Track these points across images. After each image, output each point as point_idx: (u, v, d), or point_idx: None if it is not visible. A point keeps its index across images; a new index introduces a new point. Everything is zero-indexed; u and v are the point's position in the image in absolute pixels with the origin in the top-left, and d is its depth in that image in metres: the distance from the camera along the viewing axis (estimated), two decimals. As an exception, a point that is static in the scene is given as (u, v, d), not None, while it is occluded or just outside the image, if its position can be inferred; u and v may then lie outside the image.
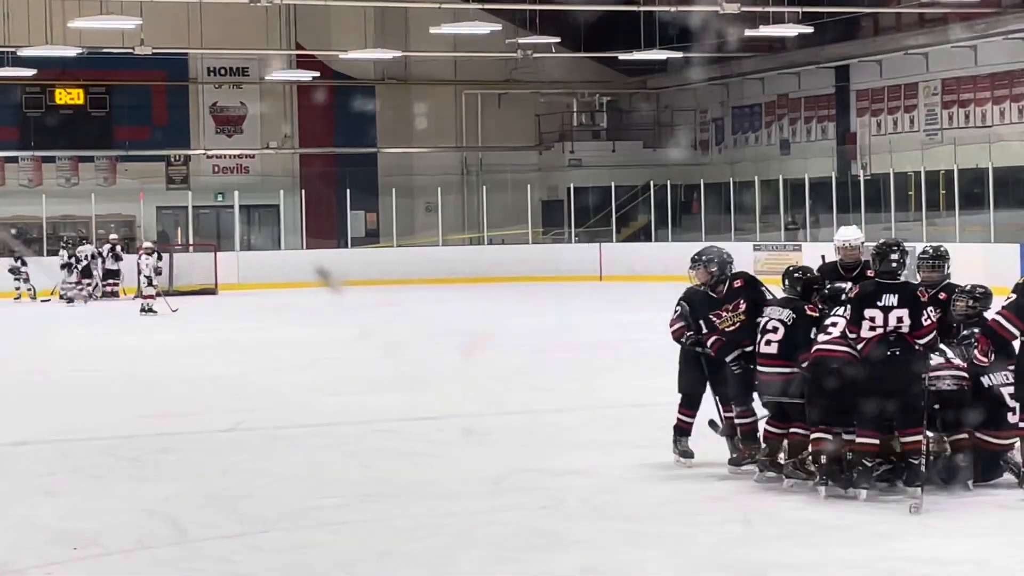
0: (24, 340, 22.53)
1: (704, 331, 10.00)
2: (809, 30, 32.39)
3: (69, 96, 38.96)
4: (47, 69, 35.51)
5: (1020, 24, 30.31)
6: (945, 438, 9.27)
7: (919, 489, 8.76)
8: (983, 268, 26.78)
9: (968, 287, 9.94)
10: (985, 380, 9.37)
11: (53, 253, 31.49)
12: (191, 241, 37.13)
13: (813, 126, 37.68)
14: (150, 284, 27.86)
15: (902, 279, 9.24)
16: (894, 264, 9.18)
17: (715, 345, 9.91)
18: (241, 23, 35.83)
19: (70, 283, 29.82)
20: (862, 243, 10.51)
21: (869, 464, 8.98)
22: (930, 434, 9.23)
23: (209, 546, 8.40)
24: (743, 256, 30.55)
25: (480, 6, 32.49)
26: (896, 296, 9.07)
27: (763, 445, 9.62)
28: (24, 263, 30.67)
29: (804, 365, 9.30)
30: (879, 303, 9.07)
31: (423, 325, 23.26)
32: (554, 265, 33.09)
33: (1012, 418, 9.30)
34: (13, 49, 32.13)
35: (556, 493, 9.60)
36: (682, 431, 10.21)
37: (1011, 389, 9.27)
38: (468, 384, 12.01)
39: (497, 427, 12.23)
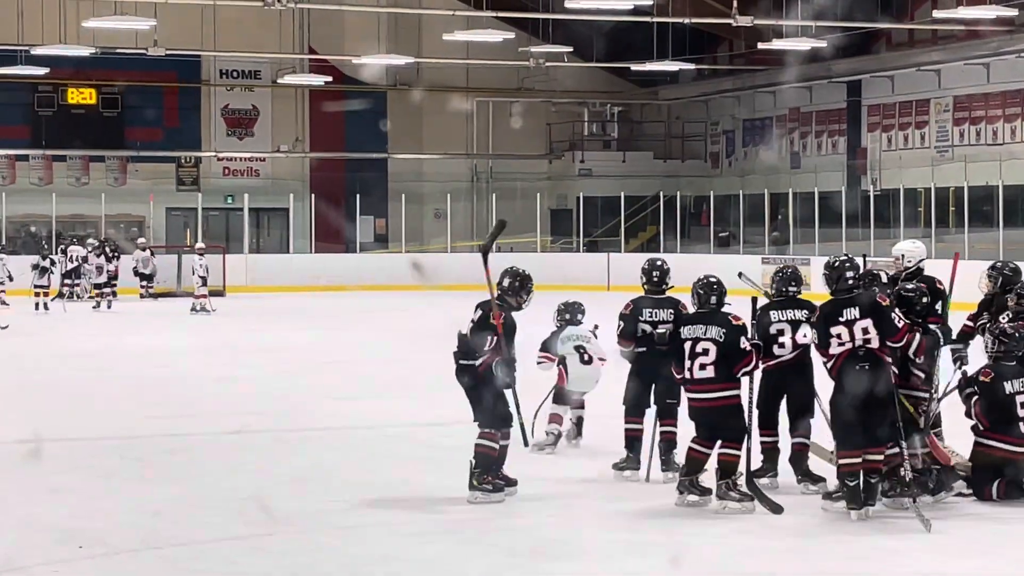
0: (29, 339, 22.54)
1: None
2: (822, 44, 32.39)
3: (81, 96, 39.01)
4: (60, 68, 35.57)
5: (1033, 43, 30.33)
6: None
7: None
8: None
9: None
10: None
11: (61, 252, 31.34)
12: (201, 243, 37.14)
13: (824, 140, 37.69)
14: (204, 284, 28.24)
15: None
16: (850, 282, 9.13)
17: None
18: (254, 26, 35.89)
19: (41, 285, 29.09)
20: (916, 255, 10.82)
21: (874, 481, 8.94)
22: (921, 449, 9.27)
23: (215, 547, 8.42)
24: (753, 268, 30.56)
25: (493, 14, 32.49)
26: (856, 308, 9.00)
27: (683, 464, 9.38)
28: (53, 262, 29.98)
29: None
30: (841, 319, 8.99)
31: (430, 330, 23.24)
32: (561, 274, 32.98)
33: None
34: (26, 47, 32.21)
35: (564, 501, 9.63)
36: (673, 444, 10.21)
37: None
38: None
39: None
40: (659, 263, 10.48)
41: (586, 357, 11.38)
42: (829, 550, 8.32)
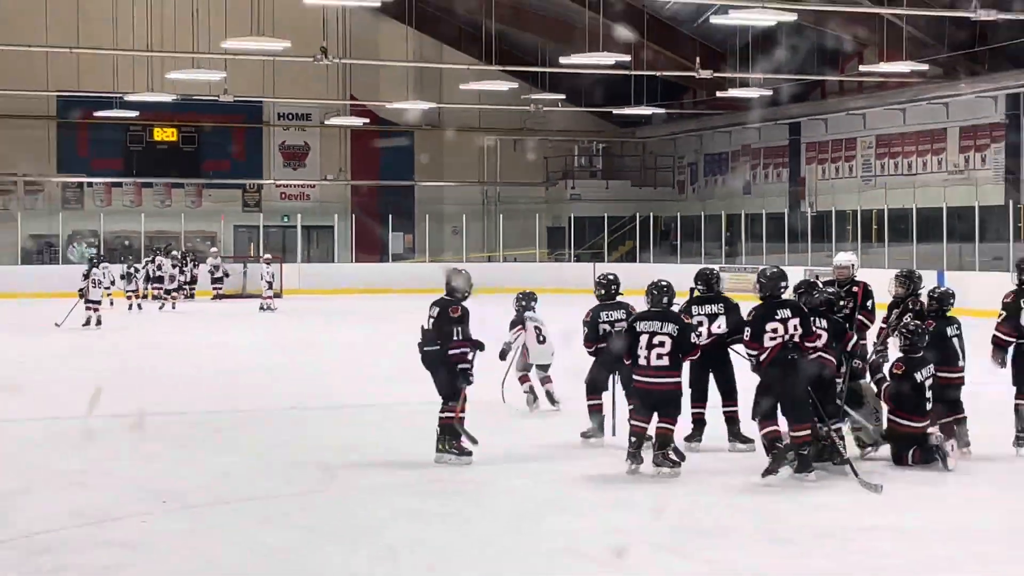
0: (124, 333, 22.54)
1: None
2: (768, 93, 32.44)
3: (165, 134, 39.04)
4: (147, 112, 35.60)
5: (941, 92, 30.28)
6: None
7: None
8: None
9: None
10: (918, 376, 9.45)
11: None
12: (261, 254, 37.17)
13: (770, 171, 37.67)
14: (269, 287, 28.52)
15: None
16: (782, 290, 9.24)
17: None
18: (306, 78, 35.89)
19: (130, 289, 28.82)
20: (853, 265, 10.81)
21: (805, 453, 8.90)
22: (845, 427, 9.30)
23: (273, 502, 8.42)
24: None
25: (501, 68, 32.51)
26: (787, 309, 9.06)
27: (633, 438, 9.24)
28: (137, 270, 29.57)
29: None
30: (776, 317, 9.01)
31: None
32: (557, 280, 32.98)
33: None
34: (121, 95, 32.25)
35: (555, 464, 9.63)
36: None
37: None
38: (499, 375, 12.02)
39: (519, 411, 12.12)
40: (610, 277, 10.79)
41: (542, 337, 12.15)
42: (780, 507, 8.30)
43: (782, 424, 9.01)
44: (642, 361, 9.15)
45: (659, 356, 9.11)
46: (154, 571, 6.77)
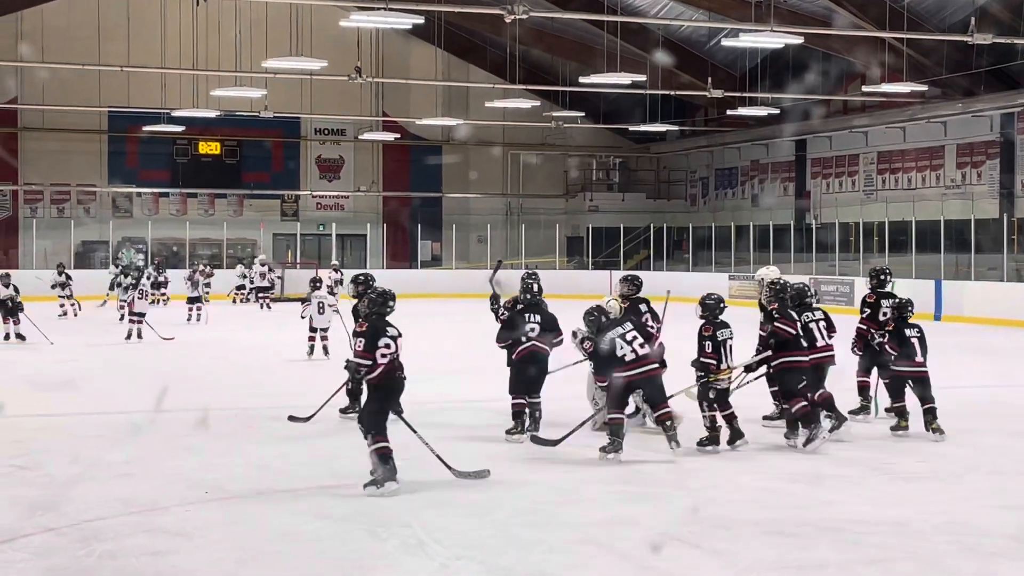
0: (175, 335, 22.57)
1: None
2: (776, 111, 32.39)
3: (209, 148, 39.22)
4: (193, 127, 35.80)
5: (939, 111, 30.23)
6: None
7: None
8: (906, 298, 26.72)
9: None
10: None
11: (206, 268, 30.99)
12: (299, 260, 37.30)
13: (777, 185, 37.59)
14: (331, 292, 28.18)
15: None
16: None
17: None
18: (341, 95, 36.03)
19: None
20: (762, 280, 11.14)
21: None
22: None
23: (309, 494, 8.42)
24: (720, 284, 30.52)
25: (524, 87, 32.55)
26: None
27: None
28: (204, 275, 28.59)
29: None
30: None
31: (476, 331, 23.21)
32: (575, 286, 32.97)
33: None
34: (168, 111, 32.42)
35: (570, 460, 9.63)
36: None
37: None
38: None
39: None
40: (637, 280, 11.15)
41: (322, 309, 16.52)
42: (787, 500, 8.27)
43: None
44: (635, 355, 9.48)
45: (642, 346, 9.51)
46: (197, 558, 6.78)
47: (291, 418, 11.31)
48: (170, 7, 32.53)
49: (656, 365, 9.60)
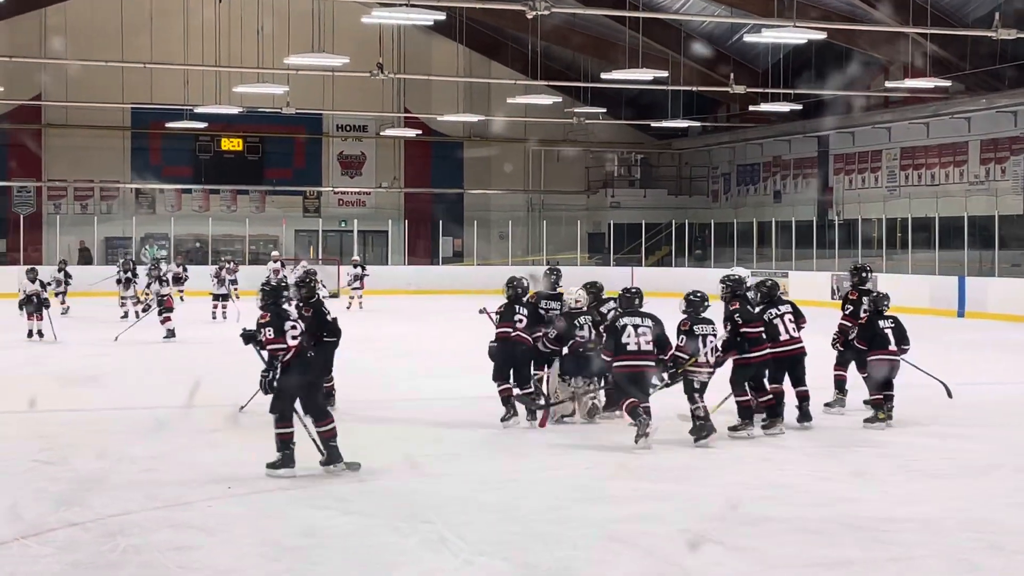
0: (191, 332, 22.62)
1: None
2: (799, 107, 32.26)
3: (231, 144, 39.32)
4: (215, 123, 35.88)
5: (962, 107, 30.08)
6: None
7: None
8: (929, 296, 26.60)
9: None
10: None
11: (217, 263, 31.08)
12: (320, 256, 37.36)
13: (800, 181, 37.47)
14: (358, 285, 28.81)
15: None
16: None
17: None
18: (363, 91, 36.07)
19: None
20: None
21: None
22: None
23: (329, 487, 8.44)
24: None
25: (546, 83, 32.53)
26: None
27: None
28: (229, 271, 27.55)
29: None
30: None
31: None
32: (596, 282, 33.02)
33: None
34: (191, 107, 32.52)
35: (594, 457, 9.61)
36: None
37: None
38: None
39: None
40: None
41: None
42: (811, 498, 8.24)
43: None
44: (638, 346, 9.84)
45: (648, 342, 9.84)
46: (221, 552, 6.80)
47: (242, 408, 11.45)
48: (193, 4, 32.66)
49: (652, 363, 9.91)
